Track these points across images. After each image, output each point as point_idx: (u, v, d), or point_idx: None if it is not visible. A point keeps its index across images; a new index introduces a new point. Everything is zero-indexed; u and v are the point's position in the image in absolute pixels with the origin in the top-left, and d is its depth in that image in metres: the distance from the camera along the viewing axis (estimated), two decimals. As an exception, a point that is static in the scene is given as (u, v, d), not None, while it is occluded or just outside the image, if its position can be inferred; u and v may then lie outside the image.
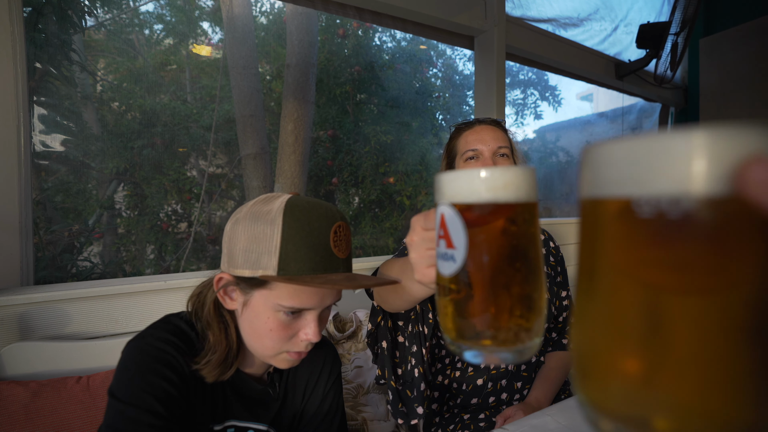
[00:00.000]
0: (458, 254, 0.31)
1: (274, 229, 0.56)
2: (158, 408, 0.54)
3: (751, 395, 0.16)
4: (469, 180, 0.30)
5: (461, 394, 1.06)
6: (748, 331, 0.16)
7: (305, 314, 0.61)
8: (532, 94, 4.25)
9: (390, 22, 1.86)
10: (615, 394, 0.19)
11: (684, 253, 0.16)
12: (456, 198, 0.31)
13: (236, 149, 2.37)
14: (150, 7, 2.27)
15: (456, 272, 0.31)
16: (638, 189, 0.17)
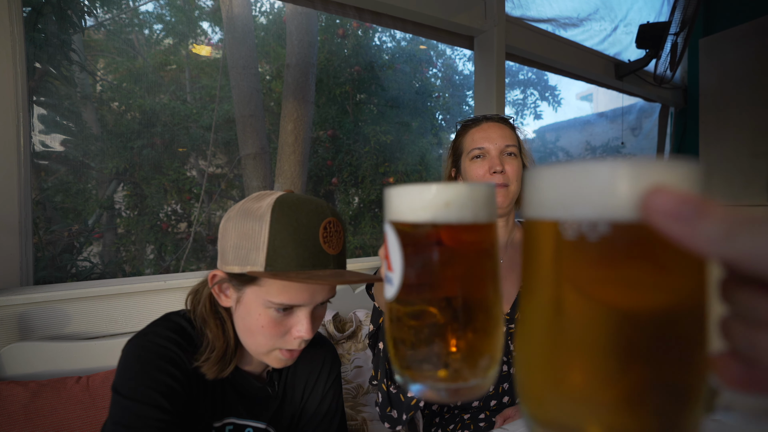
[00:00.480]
0: (395, 277, 0.28)
1: (263, 225, 0.57)
2: (163, 403, 0.55)
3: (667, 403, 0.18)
4: (409, 196, 0.27)
5: None
6: (660, 348, 0.18)
7: (297, 311, 0.61)
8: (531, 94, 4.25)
9: (390, 22, 1.86)
10: (550, 406, 0.21)
11: (603, 272, 0.18)
12: (396, 216, 0.28)
13: (236, 149, 2.37)
14: (150, 7, 2.27)
15: (393, 297, 0.28)
16: (564, 213, 0.19)
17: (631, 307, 0.18)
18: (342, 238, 0.63)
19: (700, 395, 0.18)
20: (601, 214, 0.18)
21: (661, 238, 0.17)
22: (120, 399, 0.54)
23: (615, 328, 0.18)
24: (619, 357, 0.18)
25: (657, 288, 0.18)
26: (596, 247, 0.18)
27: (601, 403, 0.19)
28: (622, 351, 0.18)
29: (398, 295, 0.28)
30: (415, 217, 0.27)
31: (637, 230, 0.17)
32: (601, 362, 0.18)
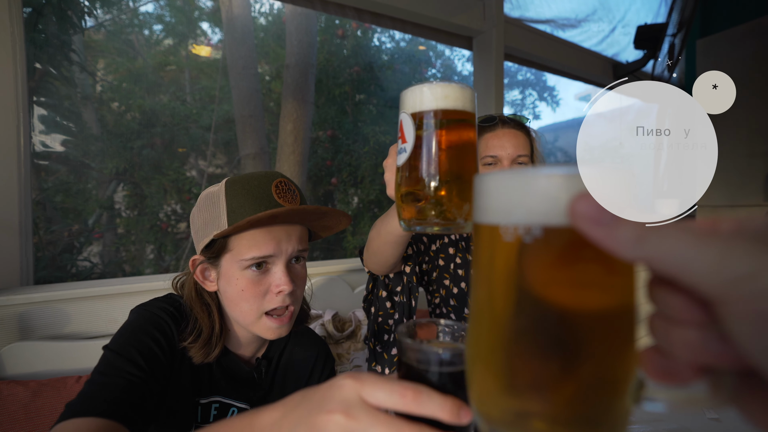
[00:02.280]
0: (408, 146, 0.41)
1: (220, 196, 0.64)
2: (140, 361, 0.58)
3: None
4: (419, 93, 0.40)
5: None
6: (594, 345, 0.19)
7: (271, 266, 0.64)
8: (530, 94, 4.26)
9: (389, 23, 1.86)
10: (494, 400, 0.22)
11: (539, 273, 0.20)
12: (410, 108, 0.41)
13: (235, 149, 2.38)
14: (149, 7, 2.27)
15: (406, 159, 0.41)
16: (503, 218, 0.21)
17: (567, 307, 0.19)
18: (298, 195, 0.67)
19: (629, 387, 0.20)
20: (537, 219, 0.19)
21: (590, 242, 0.18)
22: (106, 352, 0.59)
23: (551, 326, 0.20)
24: (555, 354, 0.19)
25: (590, 288, 0.19)
26: (532, 249, 0.20)
27: (540, 398, 0.20)
28: (559, 349, 0.19)
29: (409, 158, 0.41)
30: (423, 107, 0.40)
31: (569, 234, 0.19)
32: (538, 360, 0.20)
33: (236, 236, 0.63)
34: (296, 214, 0.63)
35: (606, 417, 0.20)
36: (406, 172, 0.41)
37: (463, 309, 1.08)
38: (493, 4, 2.01)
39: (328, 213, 0.66)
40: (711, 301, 0.16)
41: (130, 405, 0.54)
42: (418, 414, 0.30)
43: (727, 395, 0.18)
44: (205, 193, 0.67)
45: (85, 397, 0.54)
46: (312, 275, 1.53)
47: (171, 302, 0.69)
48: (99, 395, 0.54)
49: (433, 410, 0.30)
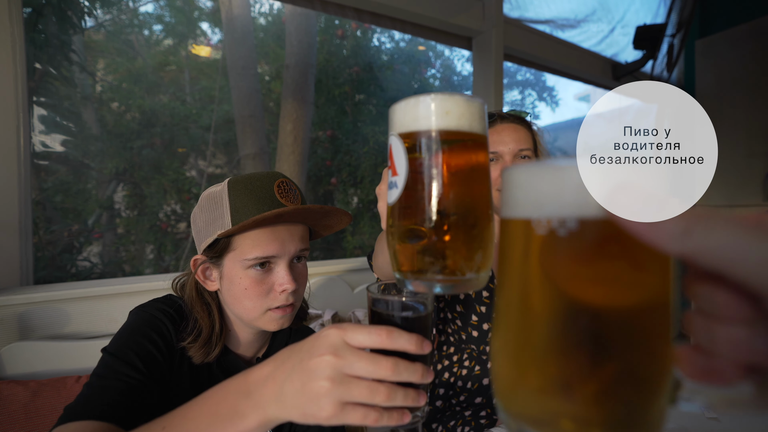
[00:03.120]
0: (400, 180, 0.31)
1: (223, 195, 0.64)
2: (138, 364, 0.59)
3: None
4: (413, 108, 0.30)
5: (465, 392, 1.06)
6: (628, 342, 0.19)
7: (274, 266, 0.65)
8: (529, 94, 4.26)
9: (389, 23, 1.87)
10: (522, 399, 0.21)
11: (573, 269, 0.19)
12: (401, 128, 0.31)
13: (235, 149, 2.38)
14: (149, 7, 2.27)
15: (397, 198, 0.32)
16: (536, 211, 0.20)
17: (600, 303, 0.19)
18: (299, 195, 0.68)
19: (665, 387, 0.19)
20: (571, 211, 0.19)
21: (628, 235, 0.17)
22: (104, 355, 0.60)
23: (584, 323, 0.19)
24: (588, 352, 0.19)
25: (625, 284, 0.19)
26: (566, 243, 0.19)
27: (571, 397, 0.19)
28: (592, 346, 0.19)
29: (401, 195, 0.31)
30: (418, 126, 0.30)
31: (605, 227, 0.18)
32: (571, 357, 0.19)
33: (240, 236, 0.63)
34: (300, 213, 0.63)
35: (640, 418, 0.19)
36: (397, 213, 0.32)
37: (470, 316, 1.04)
38: (493, 4, 2.01)
39: (331, 212, 0.67)
40: (762, 297, 0.16)
41: (127, 408, 0.54)
42: (391, 349, 0.37)
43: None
44: (207, 193, 0.67)
45: (83, 400, 0.54)
46: (312, 275, 1.54)
47: (170, 303, 0.69)
48: (97, 398, 0.54)
49: (402, 344, 0.37)
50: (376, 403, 0.37)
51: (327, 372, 0.37)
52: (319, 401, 0.37)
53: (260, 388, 0.41)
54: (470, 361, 1.08)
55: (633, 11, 3.08)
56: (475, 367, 1.07)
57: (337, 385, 0.36)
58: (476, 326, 1.05)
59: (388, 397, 0.37)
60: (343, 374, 0.37)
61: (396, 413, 0.39)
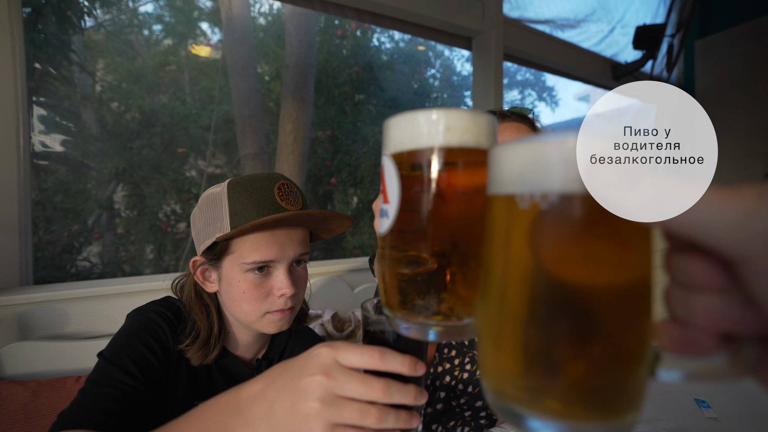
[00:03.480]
0: (391, 209, 0.26)
1: (222, 197, 0.63)
2: (133, 370, 0.58)
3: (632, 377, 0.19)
4: (407, 124, 0.25)
5: (466, 396, 1.06)
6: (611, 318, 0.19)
7: (273, 270, 0.64)
8: (529, 94, 4.27)
9: (388, 23, 1.87)
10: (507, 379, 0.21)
11: (555, 245, 0.19)
12: (395, 147, 0.26)
13: (235, 149, 2.38)
14: (149, 7, 2.27)
15: (388, 229, 0.27)
16: (519, 187, 0.20)
17: (584, 281, 0.19)
18: (300, 197, 0.67)
19: (646, 361, 0.20)
20: (552, 186, 0.19)
21: (608, 210, 0.18)
22: (100, 360, 0.59)
23: (567, 300, 0.19)
24: (571, 330, 0.19)
25: (605, 258, 0.19)
26: (549, 219, 0.19)
27: (554, 375, 0.19)
28: (575, 324, 0.19)
29: (393, 226, 0.26)
30: (415, 144, 0.25)
31: (588, 202, 0.18)
32: (554, 335, 0.19)
33: (238, 239, 0.62)
34: (300, 218, 0.62)
35: (622, 393, 0.19)
36: (387, 247, 0.27)
37: None
38: (493, 4, 2.01)
39: (331, 217, 0.66)
40: (733, 262, 0.16)
41: (120, 415, 0.54)
42: (384, 370, 0.37)
43: (747, 365, 0.18)
44: (207, 194, 0.66)
45: (76, 407, 0.54)
46: (312, 275, 1.54)
47: (167, 306, 0.69)
48: (90, 405, 0.54)
49: (395, 366, 0.37)
50: (367, 426, 0.36)
51: (317, 393, 0.36)
52: (309, 422, 0.36)
53: (250, 406, 0.40)
54: (472, 364, 1.08)
55: (633, 11, 3.08)
56: (477, 371, 1.07)
57: (327, 406, 0.35)
58: None
59: (379, 420, 0.36)
60: (334, 395, 0.36)
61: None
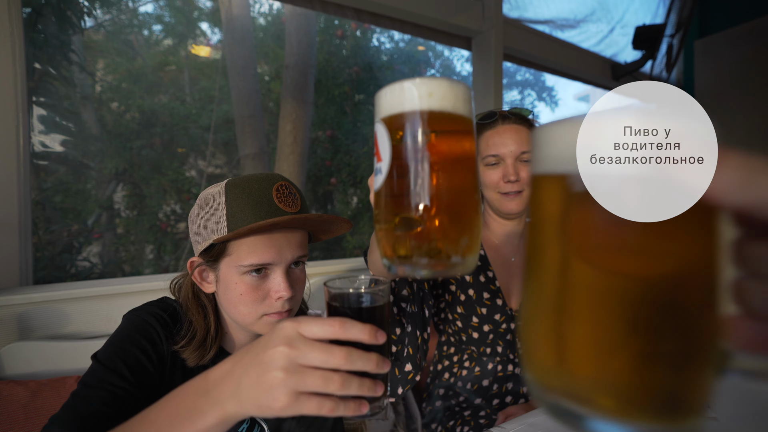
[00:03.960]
0: (384, 165, 0.31)
1: (220, 198, 0.63)
2: (125, 372, 0.58)
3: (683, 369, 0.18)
4: (394, 92, 0.30)
5: (465, 393, 1.06)
6: (663, 307, 0.17)
7: (271, 273, 0.63)
8: (529, 94, 4.27)
9: (388, 23, 1.87)
10: (555, 373, 0.20)
11: (613, 225, 0.17)
12: (385, 113, 0.31)
13: (235, 149, 2.38)
14: (149, 8, 2.27)
15: (382, 183, 0.32)
16: (572, 166, 0.18)
17: (639, 272, 0.17)
18: (299, 198, 0.66)
19: (710, 360, 0.18)
20: None
21: None
22: (93, 362, 0.59)
23: (621, 292, 0.17)
24: (628, 324, 0.17)
25: (667, 243, 0.17)
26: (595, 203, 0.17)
27: (609, 372, 0.18)
28: (631, 318, 0.17)
29: (386, 181, 0.31)
30: (401, 109, 0.30)
31: None
32: (607, 329, 0.18)
33: (236, 241, 0.62)
34: (297, 221, 0.62)
35: (683, 394, 0.17)
36: (382, 199, 0.32)
37: (471, 317, 1.04)
38: (492, 4, 2.01)
39: (329, 221, 0.65)
40: None
41: (111, 418, 0.53)
42: (345, 339, 0.38)
43: None
44: (205, 195, 0.65)
45: (67, 410, 0.54)
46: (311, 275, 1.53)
47: (164, 307, 0.68)
48: (81, 408, 0.54)
49: (355, 334, 0.38)
50: (331, 392, 0.38)
51: (280, 362, 0.37)
52: (273, 392, 0.37)
53: (219, 385, 0.42)
54: (470, 362, 1.08)
55: (632, 11, 3.09)
56: (475, 368, 1.07)
57: (290, 375, 0.37)
58: (477, 328, 1.05)
59: (342, 386, 0.37)
60: (297, 364, 0.37)
61: (353, 403, 0.39)
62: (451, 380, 1.10)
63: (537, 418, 0.74)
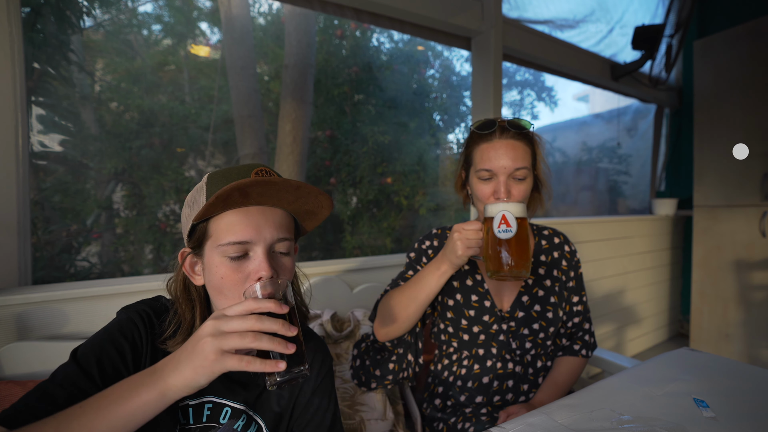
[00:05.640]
0: (512, 230, 0.84)
1: (201, 187, 0.66)
2: (93, 372, 0.57)
3: None
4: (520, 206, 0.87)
5: (466, 391, 1.07)
6: None
7: (251, 253, 0.63)
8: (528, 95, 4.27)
9: (388, 23, 1.87)
10: None
11: None
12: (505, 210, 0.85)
13: (234, 149, 2.38)
14: (148, 7, 2.27)
15: (509, 237, 0.83)
16: None
17: None
18: None
19: None
20: None
21: None
22: (70, 357, 0.59)
23: None
24: None
25: None
26: None
27: None
28: None
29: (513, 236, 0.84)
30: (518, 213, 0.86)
31: None
32: None
33: (215, 222, 0.63)
34: (267, 189, 0.61)
35: None
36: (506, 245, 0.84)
37: (460, 320, 1.06)
38: (492, 4, 2.01)
39: (301, 188, 0.63)
40: None
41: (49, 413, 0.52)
42: (258, 310, 0.52)
43: None
44: (192, 190, 0.69)
45: (19, 402, 0.53)
46: (310, 275, 1.53)
47: (153, 304, 0.69)
48: (32, 403, 0.53)
49: (266, 305, 0.52)
50: (246, 346, 0.49)
51: (208, 331, 0.50)
52: (203, 353, 0.49)
53: (162, 366, 0.52)
54: (469, 360, 1.08)
55: (631, 12, 3.09)
56: (474, 365, 1.07)
57: (215, 338, 0.49)
58: (467, 330, 1.07)
59: (254, 339, 0.49)
60: (221, 331, 0.50)
61: (270, 361, 0.50)
62: (450, 379, 1.11)
63: (537, 417, 0.75)
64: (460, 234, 0.87)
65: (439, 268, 0.92)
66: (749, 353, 2.62)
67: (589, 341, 1.16)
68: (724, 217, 2.71)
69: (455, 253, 0.88)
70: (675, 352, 1.07)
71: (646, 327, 3.36)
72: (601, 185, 3.96)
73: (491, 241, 0.86)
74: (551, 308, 1.07)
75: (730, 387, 0.86)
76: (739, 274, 2.66)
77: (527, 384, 1.07)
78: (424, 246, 1.15)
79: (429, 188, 2.96)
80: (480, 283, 1.09)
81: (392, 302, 0.99)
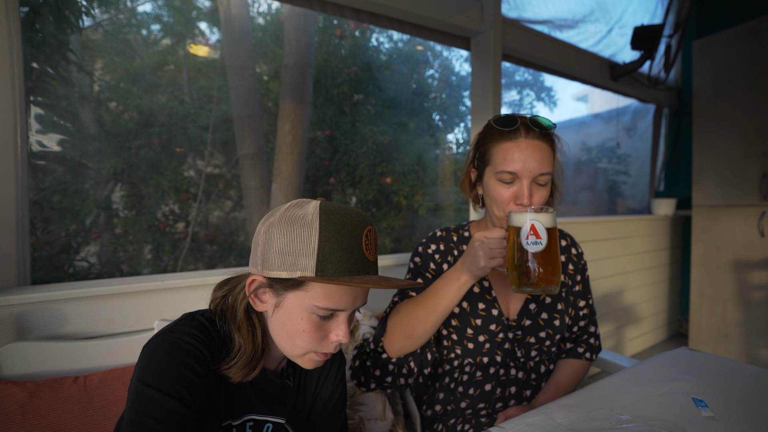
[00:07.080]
0: (542, 242, 0.79)
1: (312, 231, 0.59)
2: (187, 398, 0.56)
3: None
4: (550, 216, 0.82)
5: (467, 398, 1.05)
6: None
7: (337, 316, 0.64)
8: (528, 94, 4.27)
9: (387, 23, 1.87)
10: None
11: None
12: (534, 220, 0.80)
13: (234, 149, 2.37)
14: (148, 7, 2.27)
15: (539, 250, 0.79)
16: None
17: None
18: (377, 246, 0.66)
19: None
20: None
21: None
22: (146, 390, 0.54)
23: None
24: None
25: None
26: None
27: None
28: None
29: (543, 249, 0.79)
30: (549, 224, 0.81)
31: None
32: None
33: None
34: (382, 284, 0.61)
35: None
36: (537, 259, 0.79)
37: (465, 329, 1.03)
38: (491, 4, 2.01)
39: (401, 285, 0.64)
40: None
41: None
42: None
43: None
44: (294, 216, 0.60)
45: None
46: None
47: (198, 327, 0.65)
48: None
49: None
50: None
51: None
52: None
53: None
54: (472, 366, 1.07)
55: (631, 12, 3.09)
56: (477, 372, 1.06)
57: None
58: (472, 338, 1.03)
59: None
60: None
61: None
62: (451, 385, 1.09)
63: (536, 417, 0.75)
64: (482, 243, 0.80)
65: (458, 279, 0.85)
66: (748, 353, 2.62)
67: (594, 344, 1.13)
68: (723, 217, 2.71)
69: (477, 264, 0.80)
70: (674, 351, 1.07)
71: (645, 327, 3.37)
72: (600, 185, 3.96)
73: (518, 253, 0.78)
74: (558, 315, 1.04)
75: (728, 387, 0.86)
76: (738, 273, 2.66)
77: (530, 390, 1.05)
78: (430, 250, 1.08)
79: (428, 188, 2.97)
80: (488, 290, 1.04)
81: (407, 316, 0.93)
